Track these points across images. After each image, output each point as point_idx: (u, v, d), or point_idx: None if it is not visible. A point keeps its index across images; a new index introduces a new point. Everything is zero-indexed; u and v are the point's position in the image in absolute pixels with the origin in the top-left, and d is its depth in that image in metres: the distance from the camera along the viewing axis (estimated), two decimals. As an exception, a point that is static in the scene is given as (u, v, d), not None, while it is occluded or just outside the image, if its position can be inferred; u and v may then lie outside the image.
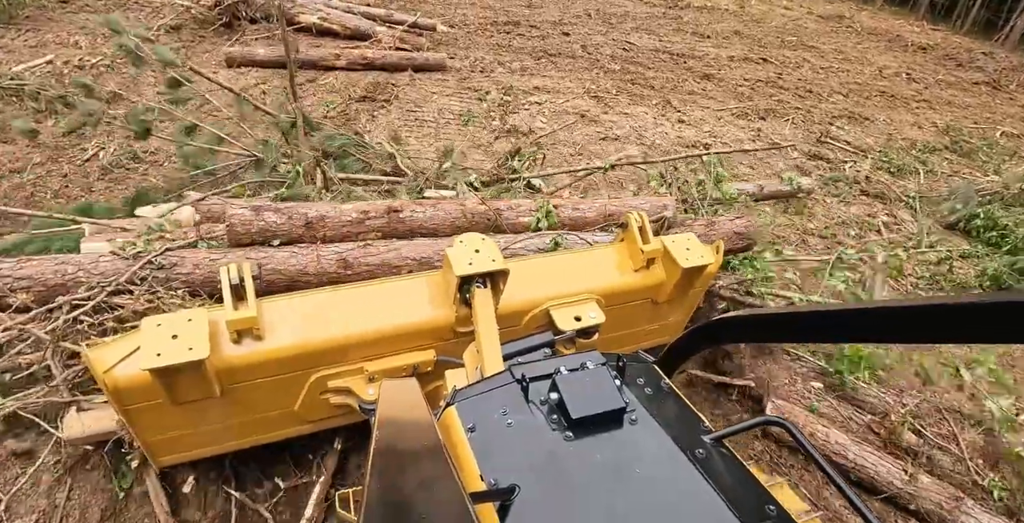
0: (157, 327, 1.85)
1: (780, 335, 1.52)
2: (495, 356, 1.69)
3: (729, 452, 1.18)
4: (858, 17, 16.89)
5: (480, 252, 2.10)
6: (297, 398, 2.22)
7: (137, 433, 2.05)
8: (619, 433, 1.15)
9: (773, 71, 9.86)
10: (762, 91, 8.71)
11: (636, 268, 2.67)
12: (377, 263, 2.96)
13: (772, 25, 13.74)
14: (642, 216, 2.64)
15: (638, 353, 1.49)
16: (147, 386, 1.84)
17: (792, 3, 18.23)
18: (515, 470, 1.06)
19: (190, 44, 7.04)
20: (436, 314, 2.27)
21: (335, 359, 2.17)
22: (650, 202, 3.96)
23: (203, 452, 2.28)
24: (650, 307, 2.84)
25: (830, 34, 14.14)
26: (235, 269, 1.99)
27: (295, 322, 2.10)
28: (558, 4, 11.76)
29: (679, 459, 1.11)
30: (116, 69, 6.17)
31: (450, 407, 1.22)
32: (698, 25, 12.15)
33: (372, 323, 2.18)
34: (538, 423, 1.15)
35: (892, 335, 1.05)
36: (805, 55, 11.53)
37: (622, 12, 11.96)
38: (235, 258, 2.77)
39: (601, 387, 1.18)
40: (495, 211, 3.51)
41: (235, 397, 2.07)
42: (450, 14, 9.74)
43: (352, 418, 2.39)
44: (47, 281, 2.56)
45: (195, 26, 7.41)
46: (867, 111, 8.81)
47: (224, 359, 1.97)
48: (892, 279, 4.76)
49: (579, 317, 2.41)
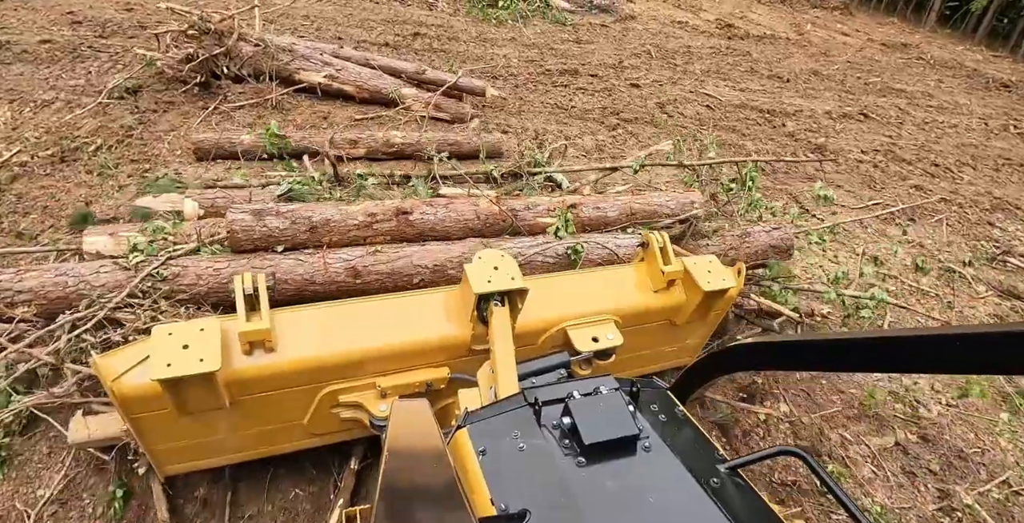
0: (168, 336, 1.80)
1: (797, 363, 1.53)
2: (510, 377, 1.67)
3: (745, 482, 1.13)
4: (918, 43, 15.21)
5: (499, 269, 2.07)
6: (307, 411, 2.16)
7: (144, 442, 2.00)
8: (632, 460, 1.12)
9: (884, 134, 8.08)
10: (889, 170, 6.91)
11: (656, 289, 2.63)
12: (388, 271, 2.85)
13: (843, 59, 11.99)
14: (663, 236, 2.61)
15: (652, 379, 1.46)
16: (155, 395, 1.79)
17: (846, 25, 16.59)
18: (526, 495, 1.04)
19: (151, 115, 5.09)
20: (451, 331, 2.21)
21: (347, 374, 2.11)
22: (676, 199, 3.73)
23: (210, 462, 2.23)
24: (668, 328, 2.78)
25: (904, 69, 12.45)
26: (249, 279, 1.96)
27: (308, 335, 2.06)
28: (607, 37, 9.89)
29: (693, 488, 1.07)
30: (39, 167, 4.22)
31: (461, 429, 1.20)
32: (769, 63, 10.34)
33: (386, 338, 2.13)
34: (550, 448, 1.13)
35: (920, 365, 0.96)
36: (898, 103, 9.78)
37: (682, 47, 10.11)
38: (239, 268, 2.71)
39: (615, 413, 1.16)
40: (510, 212, 3.34)
41: (244, 409, 2.03)
42: (488, 56, 7.82)
43: (361, 433, 2.31)
44: (48, 294, 2.51)
45: (161, 86, 5.45)
46: (1010, 192, 7.06)
47: (235, 371, 1.92)
48: None
49: (597, 338, 2.35)
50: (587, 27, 10.16)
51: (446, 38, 8.21)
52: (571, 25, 10.05)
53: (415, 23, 8.69)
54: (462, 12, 9.53)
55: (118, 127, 4.77)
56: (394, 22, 8.59)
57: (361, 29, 8.07)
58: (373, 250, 2.89)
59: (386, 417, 2.05)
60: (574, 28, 9.97)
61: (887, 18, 19.26)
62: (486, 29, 9.03)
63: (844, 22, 17.25)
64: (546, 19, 10.13)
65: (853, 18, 18.43)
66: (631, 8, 12.24)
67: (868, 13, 19.78)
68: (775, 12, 16.47)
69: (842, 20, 17.60)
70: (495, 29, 9.13)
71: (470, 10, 9.58)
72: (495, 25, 9.33)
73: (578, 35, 9.59)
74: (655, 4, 13.64)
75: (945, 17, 19.53)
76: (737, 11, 14.94)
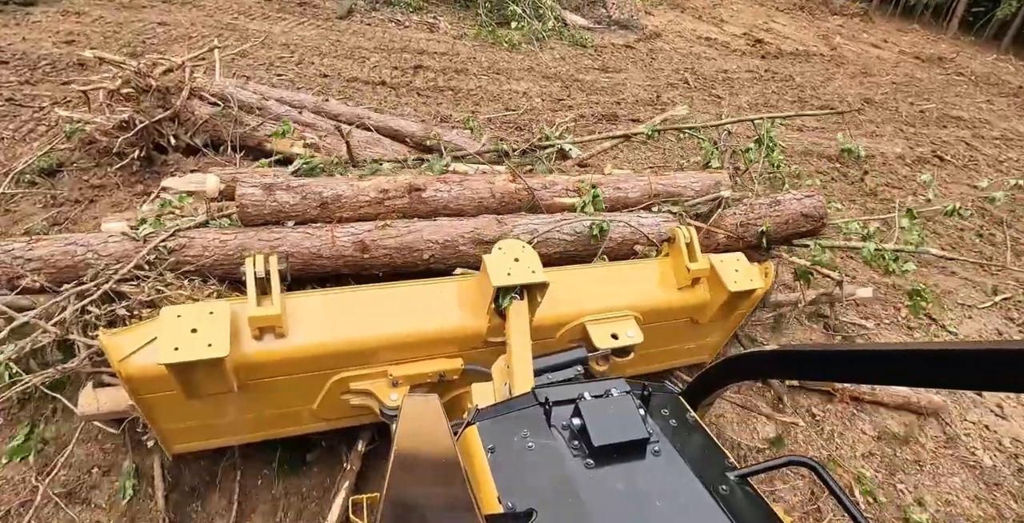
0: (177, 319, 1.77)
1: (814, 373, 1.49)
2: (526, 373, 1.65)
3: (754, 490, 1.12)
4: (952, 56, 14.13)
5: (520, 261, 2.02)
6: (316, 397, 2.12)
7: (151, 421, 1.99)
8: (641, 464, 1.11)
9: (965, 181, 6.93)
10: (995, 238, 5.73)
11: (680, 286, 2.54)
12: (396, 246, 2.78)
13: (886, 80, 10.87)
14: (691, 232, 2.51)
15: (664, 383, 1.45)
16: (163, 377, 1.75)
17: (872, 35, 15.48)
18: (533, 494, 1.04)
19: (72, 209, 3.75)
20: (467, 322, 2.15)
21: (359, 362, 2.08)
22: (701, 179, 3.51)
23: (217, 442, 2.23)
24: (690, 326, 2.69)
25: (949, 88, 11.36)
26: (261, 261, 1.91)
27: (320, 321, 2.02)
28: (635, 62, 8.61)
29: (701, 495, 1.06)
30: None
31: (471, 426, 1.21)
32: (815, 89, 9.15)
33: (399, 327, 2.09)
34: (559, 448, 1.13)
35: (945, 380, 0.95)
36: (962, 136, 8.66)
37: (718, 72, 8.87)
38: (246, 239, 2.65)
39: (625, 416, 1.15)
40: (528, 191, 3.18)
41: (252, 392, 2.00)
42: (505, 95, 6.52)
43: (371, 419, 2.26)
44: (57, 263, 2.50)
45: (89, 162, 4.10)
46: None
47: (244, 355, 1.89)
48: None
49: (616, 335, 2.29)
50: (611, 50, 8.88)
51: (453, 71, 6.89)
52: (593, 48, 8.76)
53: (415, 51, 7.35)
54: (469, 36, 8.19)
55: (20, 235, 3.43)
56: (390, 50, 7.25)
57: (351, 61, 6.73)
58: (383, 224, 2.81)
59: (397, 407, 2.01)
60: (596, 51, 8.69)
61: (908, 25, 18.19)
62: (498, 56, 7.71)
63: (868, 31, 16.14)
64: (564, 40, 8.83)
65: (874, 25, 17.37)
66: (652, 23, 10.97)
67: (888, 19, 18.72)
68: (797, 21, 15.32)
69: (865, 29, 16.50)
70: (508, 56, 7.82)
71: (478, 32, 8.25)
72: (507, 50, 8.02)
73: (603, 61, 8.30)
74: (674, 16, 12.39)
75: (967, 23, 18.53)
76: (760, 22, 13.75)
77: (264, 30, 7.20)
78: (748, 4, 15.88)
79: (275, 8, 8.05)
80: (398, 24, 8.23)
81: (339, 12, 8.14)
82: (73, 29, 6.67)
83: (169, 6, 7.78)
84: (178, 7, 7.74)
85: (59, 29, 6.61)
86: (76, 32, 6.59)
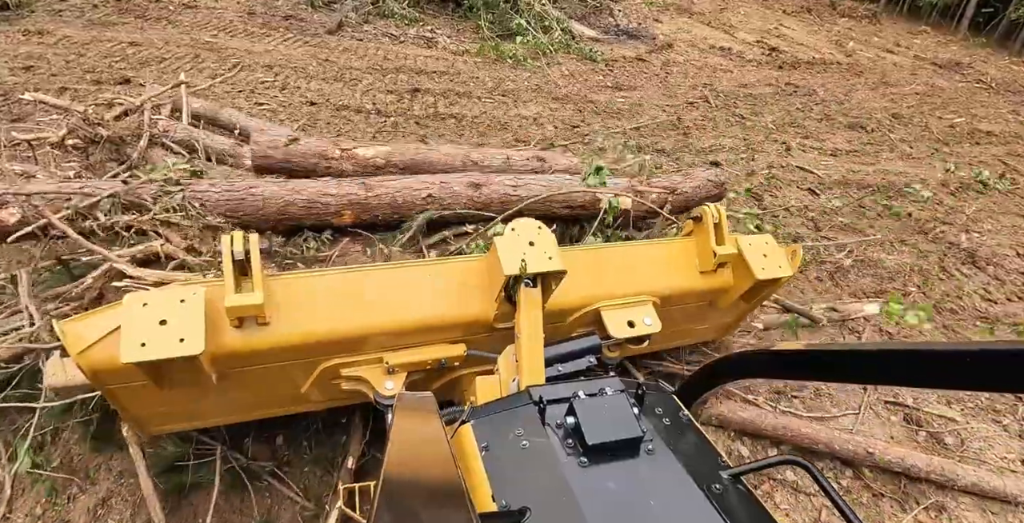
0: (142, 308, 1.55)
1: (807, 374, 1.48)
2: (536, 366, 1.56)
3: (747, 489, 1.11)
4: (969, 62, 13.60)
5: (535, 246, 1.85)
6: (304, 383, 1.98)
7: (121, 409, 1.82)
8: (635, 463, 1.12)
9: (1015, 210, 6.36)
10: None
11: (703, 270, 2.37)
12: (398, 187, 2.88)
13: (907, 90, 10.31)
14: (720, 210, 2.31)
15: (658, 382, 1.46)
16: (130, 369, 1.53)
17: (884, 39, 14.93)
18: (527, 493, 1.04)
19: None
20: (472, 307, 1.97)
21: (351, 349, 1.91)
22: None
23: (198, 424, 2.11)
24: (706, 308, 2.56)
25: (972, 98, 10.82)
26: (240, 240, 1.64)
27: (307, 306, 1.81)
28: (650, 77, 7.99)
29: (695, 494, 1.06)
30: None
31: (465, 424, 1.20)
32: (839, 104, 8.57)
33: (396, 312, 1.90)
34: (553, 447, 1.13)
35: (937, 380, 0.95)
36: (996, 153, 8.12)
37: (737, 87, 8.27)
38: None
39: (619, 414, 1.15)
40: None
41: (233, 380, 1.82)
42: (514, 122, 5.90)
43: (364, 399, 2.04)
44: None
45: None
46: None
47: (222, 345, 1.68)
48: None
49: (633, 323, 2.16)
50: (622, 63, 8.27)
51: (455, 94, 6.26)
52: (603, 62, 8.14)
53: (412, 70, 6.71)
54: (471, 51, 7.55)
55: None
56: (384, 70, 6.60)
57: (341, 84, 6.09)
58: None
59: (392, 396, 1.87)
60: (607, 66, 8.07)
61: (917, 27, 17.67)
62: (503, 74, 7.08)
63: (879, 34, 15.61)
64: (572, 53, 8.20)
65: (883, 27, 16.86)
66: (661, 31, 10.36)
67: (895, 20, 18.20)
68: (807, 25, 14.76)
69: (875, 31, 15.98)
70: (514, 73, 7.19)
71: (481, 47, 7.61)
72: (512, 66, 7.39)
73: (615, 77, 7.68)
74: (683, 22, 11.79)
75: (977, 24, 18.04)
76: (771, 27, 13.17)
77: (245, 49, 6.54)
78: (754, 7, 15.32)
79: (258, 23, 7.39)
80: (393, 39, 7.57)
81: (328, 26, 7.48)
82: (34, 52, 6.00)
83: (142, 22, 7.11)
84: (152, 24, 7.07)
85: (18, 52, 5.94)
86: (37, 55, 5.92)
